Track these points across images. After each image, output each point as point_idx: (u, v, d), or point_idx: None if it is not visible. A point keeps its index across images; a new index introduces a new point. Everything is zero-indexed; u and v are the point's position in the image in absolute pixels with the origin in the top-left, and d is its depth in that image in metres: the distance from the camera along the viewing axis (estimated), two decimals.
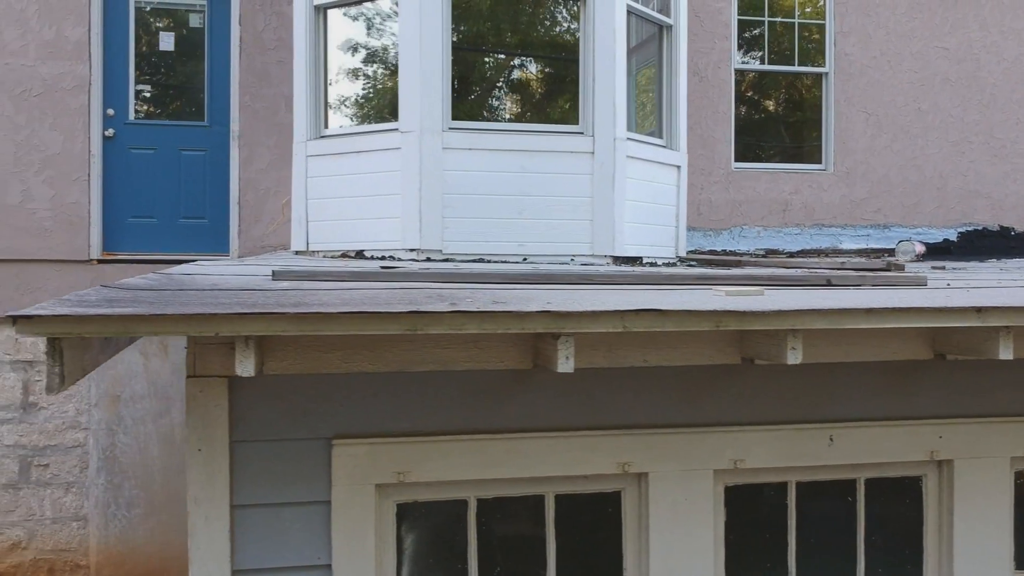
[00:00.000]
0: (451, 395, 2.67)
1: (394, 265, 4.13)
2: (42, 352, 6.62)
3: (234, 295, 2.82)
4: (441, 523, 2.70)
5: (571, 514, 2.75)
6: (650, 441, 2.75)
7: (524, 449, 2.68)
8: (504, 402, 2.70)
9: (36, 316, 2.12)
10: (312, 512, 2.54)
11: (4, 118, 6.84)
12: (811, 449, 2.86)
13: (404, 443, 2.60)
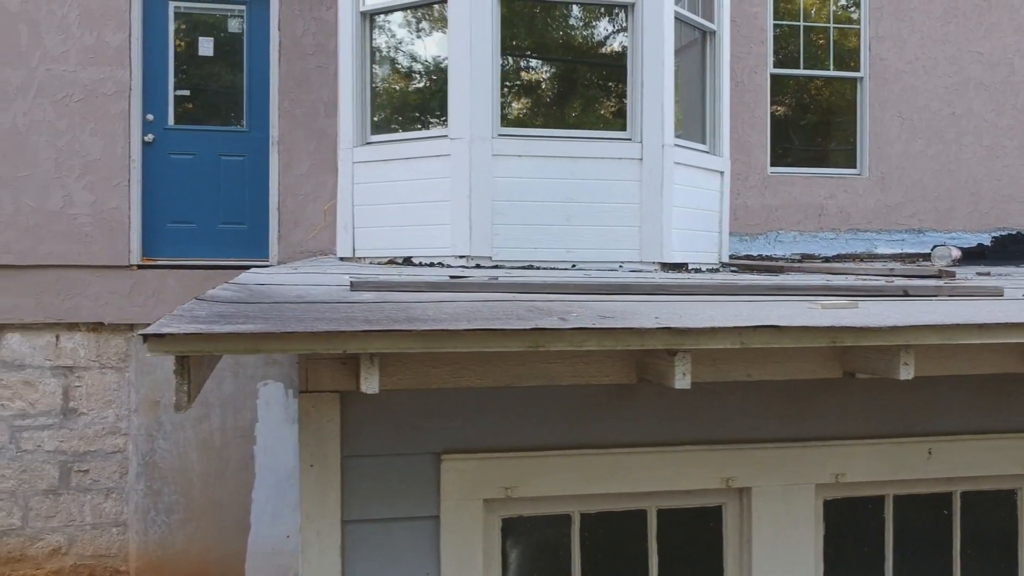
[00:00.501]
0: (556, 410, 2.67)
1: (463, 275, 4.12)
2: (82, 357, 6.63)
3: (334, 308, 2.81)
4: (545, 538, 2.70)
5: (673, 528, 2.75)
6: (753, 456, 2.74)
7: (628, 464, 2.67)
8: (608, 417, 2.70)
9: (167, 335, 2.11)
10: (421, 527, 2.54)
11: (46, 124, 6.83)
12: (909, 463, 2.85)
13: (511, 458, 2.60)
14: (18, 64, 6.79)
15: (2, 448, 6.91)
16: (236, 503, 7.22)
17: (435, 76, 6.15)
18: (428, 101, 6.25)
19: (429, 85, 6.24)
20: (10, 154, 6.79)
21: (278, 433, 7.28)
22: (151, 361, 7.08)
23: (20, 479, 6.94)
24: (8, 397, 6.90)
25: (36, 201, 6.82)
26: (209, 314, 2.52)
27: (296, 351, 2.19)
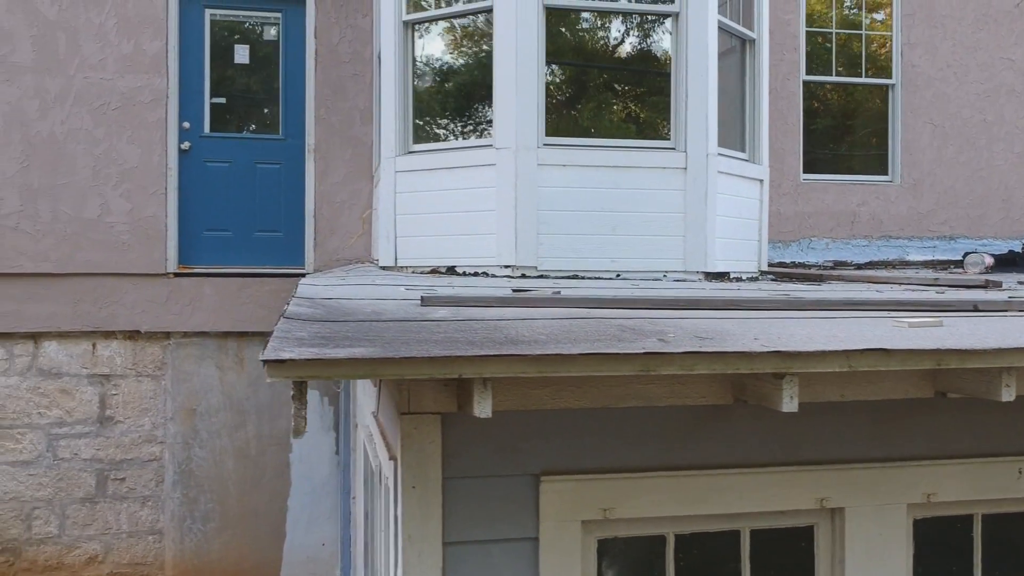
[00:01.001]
0: (652, 430, 2.66)
1: (524, 288, 4.12)
2: (119, 365, 6.62)
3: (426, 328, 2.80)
4: (640, 559, 2.69)
5: (765, 549, 2.74)
6: (846, 476, 2.74)
7: (723, 485, 2.67)
8: (703, 438, 2.69)
9: (288, 360, 2.10)
10: (520, 549, 2.53)
11: (83, 132, 6.83)
12: (999, 482, 2.84)
13: (609, 479, 2.59)
14: (56, 72, 6.79)
15: (39, 456, 6.91)
16: (272, 511, 7.22)
17: (478, 85, 6.14)
18: (471, 110, 6.25)
19: (472, 94, 6.24)
20: (48, 162, 6.79)
21: (314, 441, 7.28)
22: (187, 369, 7.08)
23: (57, 487, 6.94)
24: (45, 405, 6.91)
25: (74, 209, 6.82)
26: (311, 336, 2.51)
27: (413, 376, 2.18)
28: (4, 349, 6.84)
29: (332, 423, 7.32)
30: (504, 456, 2.57)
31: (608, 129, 6.15)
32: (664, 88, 5.96)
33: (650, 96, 6.24)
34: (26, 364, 6.87)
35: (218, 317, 7.05)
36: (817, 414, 2.76)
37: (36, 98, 6.77)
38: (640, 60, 6.30)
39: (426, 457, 2.51)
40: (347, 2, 7.18)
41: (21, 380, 6.87)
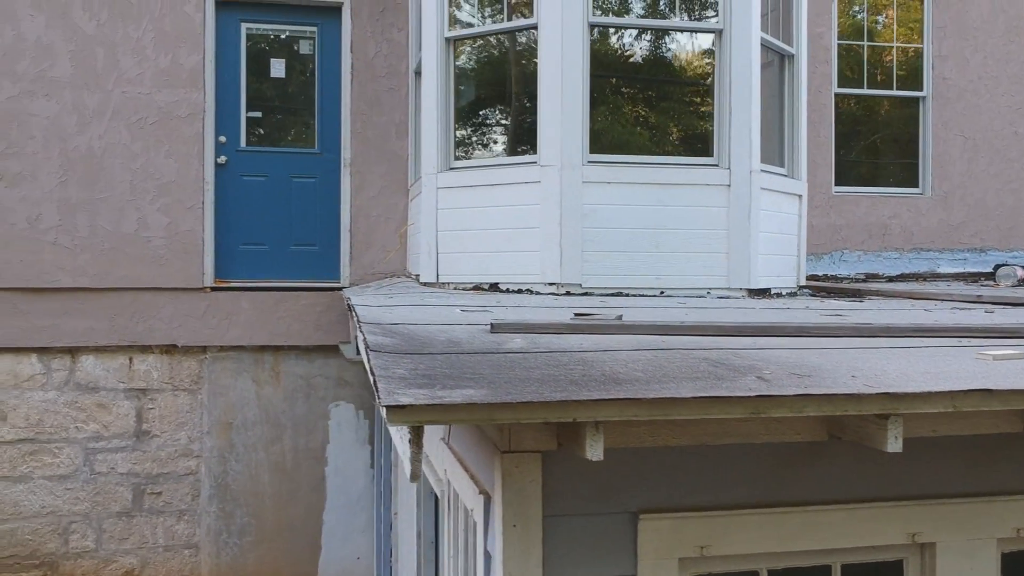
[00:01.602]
0: (747, 467, 2.67)
1: (585, 311, 4.11)
2: (155, 380, 6.63)
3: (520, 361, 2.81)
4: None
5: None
6: (937, 511, 2.74)
7: (817, 521, 2.67)
8: (798, 474, 2.70)
9: (408, 406, 2.11)
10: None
11: (121, 146, 6.84)
12: None
13: (705, 517, 2.59)
14: (94, 87, 6.80)
15: (76, 471, 6.92)
16: (307, 525, 7.23)
17: (520, 102, 6.15)
18: (513, 127, 6.25)
19: (514, 111, 6.24)
20: (86, 177, 6.80)
21: (349, 454, 7.28)
22: (224, 383, 7.09)
23: (94, 501, 6.94)
24: (82, 420, 6.91)
25: (111, 224, 6.83)
26: (412, 374, 2.52)
27: (528, 420, 2.19)
28: (42, 364, 6.85)
29: (367, 436, 7.32)
30: (602, 494, 2.57)
31: (651, 146, 6.15)
32: (707, 105, 5.97)
33: (693, 113, 6.24)
34: (64, 378, 6.88)
35: (254, 331, 7.05)
36: (908, 449, 2.76)
37: (75, 113, 6.78)
38: (683, 77, 6.31)
39: (527, 496, 2.51)
40: (383, 16, 7.19)
41: (59, 395, 6.88)
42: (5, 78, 6.68)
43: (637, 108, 6.27)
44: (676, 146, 6.25)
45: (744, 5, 5.82)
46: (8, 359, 6.81)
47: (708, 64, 6.00)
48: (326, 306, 7.16)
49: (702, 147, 6.03)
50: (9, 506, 6.84)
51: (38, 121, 6.73)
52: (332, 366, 7.25)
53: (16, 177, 6.71)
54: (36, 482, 6.87)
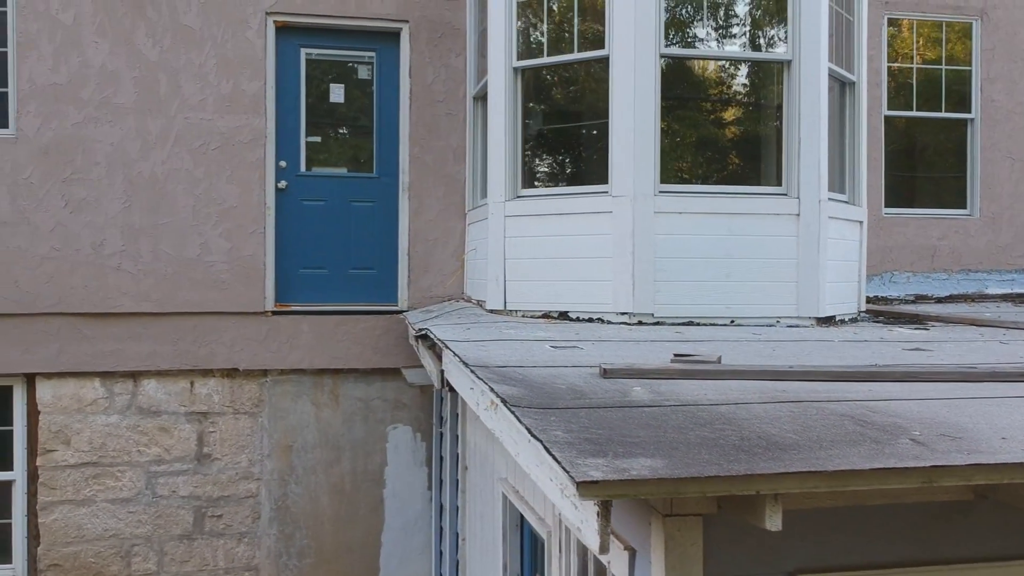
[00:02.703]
0: (895, 526, 2.71)
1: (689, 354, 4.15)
2: (216, 403, 6.67)
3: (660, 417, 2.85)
4: None
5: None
6: None
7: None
8: (945, 532, 2.74)
9: (600, 481, 2.15)
10: None
11: (184, 172, 6.89)
12: None
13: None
14: (157, 113, 6.84)
15: (138, 494, 6.96)
16: (366, 547, 7.27)
17: (589, 131, 6.19)
18: (582, 156, 6.30)
19: (582, 140, 6.29)
20: (150, 202, 6.84)
21: (407, 477, 7.33)
22: (284, 406, 7.13)
23: (156, 524, 6.99)
24: (144, 443, 6.96)
25: (174, 249, 6.87)
26: (574, 438, 2.56)
27: (712, 493, 2.24)
28: (105, 388, 6.89)
29: (424, 459, 7.37)
30: (759, 555, 2.62)
31: (721, 175, 6.20)
32: (776, 134, 6.01)
33: (762, 142, 6.29)
34: (126, 402, 6.92)
35: (315, 354, 7.10)
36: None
37: (138, 139, 6.82)
38: (752, 107, 6.35)
39: (688, 558, 2.56)
40: (440, 42, 7.24)
41: (121, 419, 6.92)
42: (70, 105, 6.73)
43: (706, 137, 6.31)
44: (745, 175, 6.30)
45: (813, 36, 5.86)
46: (72, 383, 6.85)
47: (776, 94, 6.04)
48: (384, 329, 7.20)
49: (771, 176, 6.07)
50: (73, 529, 6.88)
51: (102, 147, 6.78)
52: (390, 389, 7.30)
53: (81, 203, 6.75)
54: (99, 505, 6.91)
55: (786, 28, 5.94)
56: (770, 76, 6.16)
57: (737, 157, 6.36)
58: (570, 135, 6.38)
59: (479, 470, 5.68)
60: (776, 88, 6.07)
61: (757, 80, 6.26)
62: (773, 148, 6.06)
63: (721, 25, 6.09)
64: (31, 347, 6.73)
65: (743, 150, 6.41)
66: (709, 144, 6.31)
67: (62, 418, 6.84)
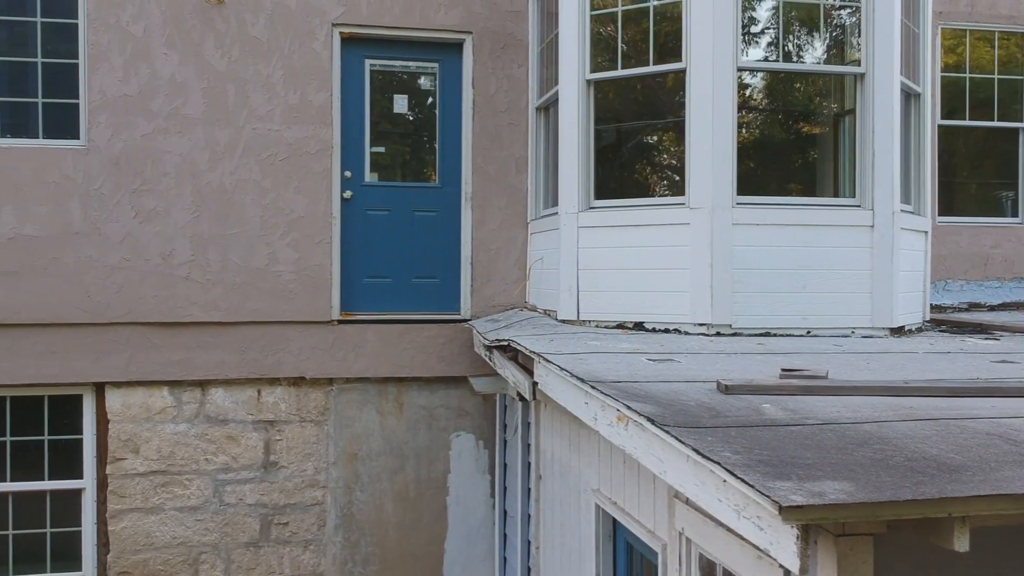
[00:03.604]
0: None
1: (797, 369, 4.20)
2: (283, 411, 6.70)
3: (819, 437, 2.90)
4: None
5: None
6: None
7: None
8: None
9: (805, 506, 2.20)
10: None
11: (251, 182, 6.94)
12: None
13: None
14: (225, 123, 6.89)
15: (206, 502, 7.01)
16: (429, 554, 7.32)
17: (662, 143, 6.25)
18: (655, 168, 6.35)
19: (657, 152, 6.34)
20: (218, 212, 6.89)
21: (469, 484, 7.38)
22: (349, 414, 7.19)
23: (223, 532, 7.04)
24: (212, 452, 7.01)
25: (242, 259, 6.93)
26: (749, 460, 2.61)
27: (906, 516, 2.29)
28: (173, 397, 6.94)
29: (487, 466, 7.42)
30: (924, 572, 2.67)
31: (796, 187, 6.25)
32: (849, 146, 6.06)
33: (835, 154, 6.34)
34: (194, 411, 6.98)
35: (380, 363, 7.15)
36: None
37: (207, 149, 6.87)
38: (825, 119, 6.41)
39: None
40: (503, 53, 7.29)
41: (189, 427, 6.97)
42: (140, 116, 6.78)
43: (780, 149, 6.36)
44: (819, 187, 6.35)
45: (886, 49, 5.92)
46: (141, 392, 6.90)
47: (850, 106, 6.09)
48: (448, 338, 7.25)
49: (844, 188, 6.13)
50: (142, 537, 6.93)
51: (171, 158, 6.83)
52: (453, 397, 7.35)
53: (150, 213, 6.81)
54: (167, 513, 6.96)
55: (859, 41, 5.99)
56: (843, 88, 6.21)
57: (811, 169, 6.41)
58: (642, 146, 6.44)
59: (559, 480, 5.73)
60: (849, 100, 6.13)
61: (830, 92, 6.31)
62: (846, 160, 6.11)
63: (795, 38, 6.15)
64: (101, 356, 6.78)
65: (816, 162, 6.46)
66: (783, 156, 6.36)
67: (131, 427, 6.90)
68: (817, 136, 6.51)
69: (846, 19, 6.11)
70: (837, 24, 6.17)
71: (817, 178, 6.46)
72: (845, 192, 6.09)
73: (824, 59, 6.20)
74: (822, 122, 6.46)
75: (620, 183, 6.47)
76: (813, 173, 6.44)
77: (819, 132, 6.52)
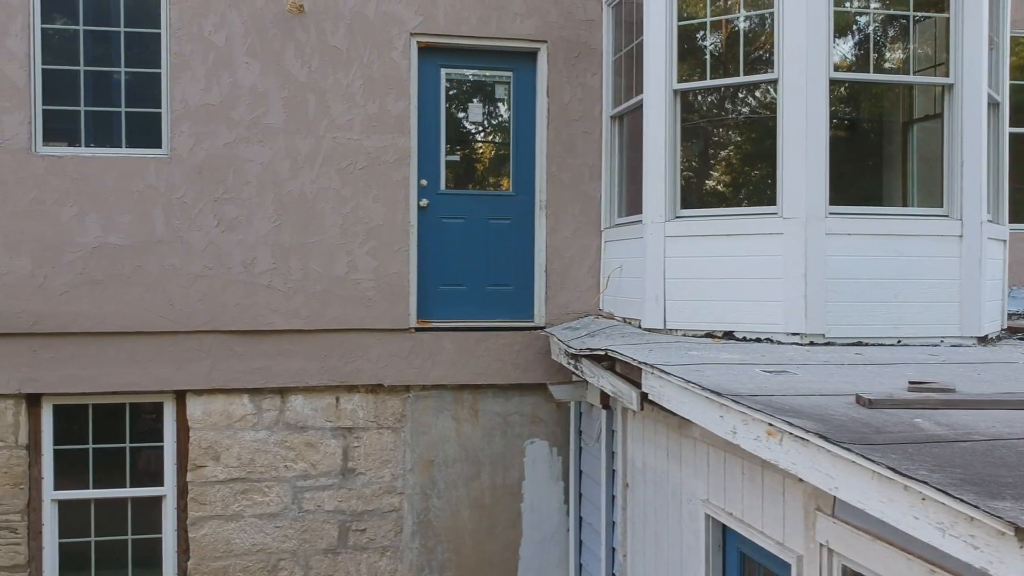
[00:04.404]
0: None
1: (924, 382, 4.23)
2: (361, 419, 6.75)
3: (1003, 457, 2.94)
4: None
5: None
6: None
7: None
8: None
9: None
10: None
11: (331, 191, 6.98)
12: None
13: None
14: (306, 133, 6.93)
15: (285, 509, 7.05)
16: (504, 560, 7.36)
17: (750, 152, 6.28)
18: (744, 177, 6.38)
19: (745, 161, 6.37)
20: (299, 221, 6.93)
21: (543, 491, 7.42)
22: (425, 421, 7.22)
23: (301, 539, 7.08)
24: (291, 459, 7.05)
25: (323, 267, 6.97)
26: (952, 479, 2.65)
27: None
28: (253, 404, 6.98)
29: (560, 473, 7.45)
30: None
31: (886, 197, 6.29)
32: (937, 156, 6.10)
33: (923, 163, 6.37)
34: (274, 418, 7.01)
35: (456, 370, 7.19)
36: None
37: (288, 158, 6.91)
38: (913, 129, 6.44)
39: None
40: (577, 61, 7.33)
41: (269, 434, 7.01)
42: (222, 124, 6.82)
43: (869, 159, 6.40)
44: (907, 197, 6.39)
45: (975, 60, 5.96)
46: (221, 400, 6.94)
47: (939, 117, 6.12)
48: (523, 345, 7.29)
49: (933, 198, 6.16)
50: (222, 544, 6.97)
51: (253, 166, 6.87)
52: (527, 404, 7.39)
53: (233, 222, 6.84)
54: (247, 520, 7.00)
55: (948, 52, 6.03)
56: (931, 99, 6.24)
57: (897, 178, 6.45)
58: (730, 156, 6.47)
59: (652, 489, 5.77)
60: (936, 110, 6.16)
61: (918, 103, 6.35)
62: (934, 170, 6.15)
63: (883, 49, 6.18)
64: (183, 364, 6.82)
65: (905, 172, 6.49)
66: (870, 165, 6.40)
67: (212, 434, 6.93)
68: (906, 146, 6.55)
69: (934, 29, 6.14)
70: (925, 34, 6.20)
71: (906, 188, 6.50)
72: (934, 202, 6.12)
73: (912, 69, 6.23)
74: (911, 133, 6.50)
75: (706, 193, 6.50)
76: (901, 182, 6.48)
77: (908, 143, 6.55)
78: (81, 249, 6.66)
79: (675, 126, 6.30)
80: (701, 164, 6.44)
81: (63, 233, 6.64)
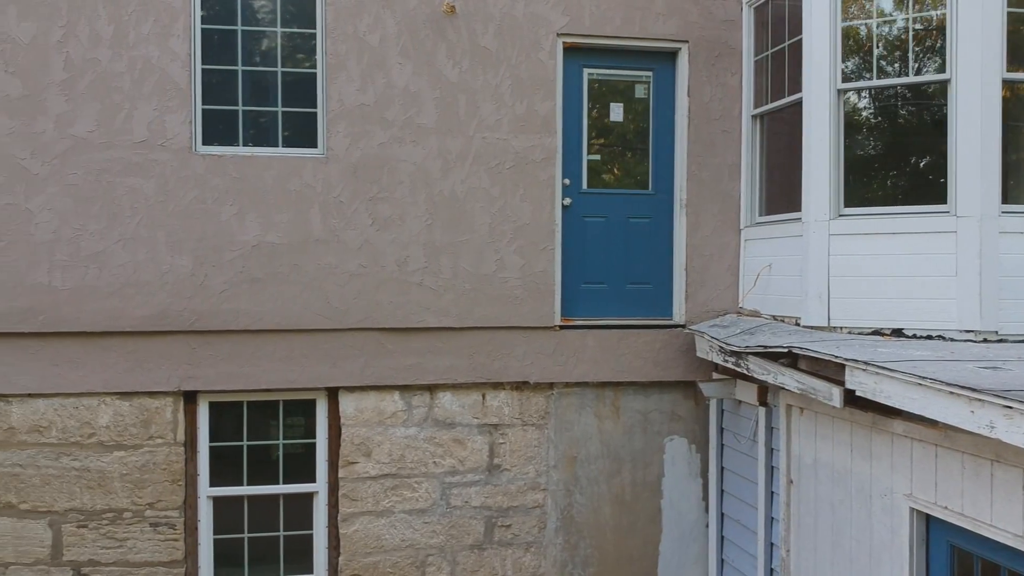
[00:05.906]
0: None
1: None
2: (506, 415, 6.83)
3: None
4: None
5: None
6: None
7: None
8: None
9: None
10: None
11: (481, 191, 7.05)
12: None
13: None
14: (457, 133, 7.00)
15: (433, 505, 7.12)
16: (644, 556, 7.44)
17: (917, 152, 6.34)
18: (909, 176, 6.44)
19: (909, 160, 6.43)
20: (450, 220, 7.00)
21: (683, 487, 7.49)
22: (568, 418, 7.30)
23: (449, 535, 7.15)
24: (440, 455, 7.12)
25: (472, 266, 7.04)
26: None
27: None
28: (404, 401, 7.05)
29: (699, 470, 7.53)
30: None
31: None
32: None
33: None
34: (423, 415, 7.09)
35: (598, 368, 7.26)
36: None
37: (439, 158, 6.98)
38: None
39: None
40: (717, 61, 7.40)
41: (419, 431, 7.08)
42: (377, 125, 6.89)
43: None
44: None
45: None
46: (373, 397, 7.01)
47: None
48: (664, 343, 7.36)
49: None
50: (373, 540, 7.04)
51: (406, 166, 6.94)
52: (666, 401, 7.46)
53: (386, 221, 6.91)
54: (396, 516, 7.07)
55: None
56: None
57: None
58: (895, 155, 6.52)
59: (829, 485, 5.83)
60: None
61: None
62: None
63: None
64: (338, 362, 6.89)
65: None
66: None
67: (364, 431, 7.00)
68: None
69: None
70: None
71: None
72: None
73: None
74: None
75: (869, 192, 6.56)
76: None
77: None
78: (241, 248, 6.73)
79: (839, 126, 6.36)
80: (863, 163, 6.50)
81: (223, 232, 6.71)
